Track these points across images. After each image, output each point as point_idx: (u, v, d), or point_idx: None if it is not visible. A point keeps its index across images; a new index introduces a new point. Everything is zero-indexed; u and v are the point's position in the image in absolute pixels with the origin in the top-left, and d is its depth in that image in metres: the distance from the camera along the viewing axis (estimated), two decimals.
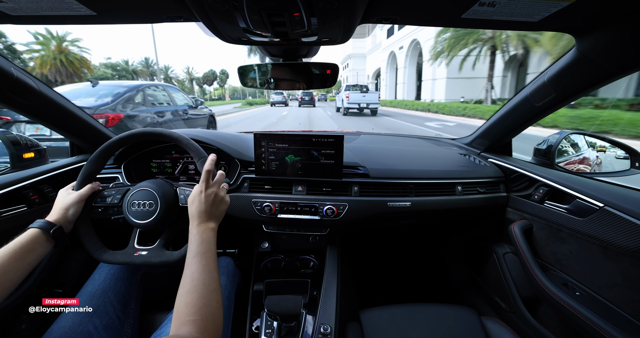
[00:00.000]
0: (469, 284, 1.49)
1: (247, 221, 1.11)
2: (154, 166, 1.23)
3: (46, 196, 1.00)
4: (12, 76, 0.82)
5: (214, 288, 0.59)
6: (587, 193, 0.87)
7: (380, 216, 1.11)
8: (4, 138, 1.01)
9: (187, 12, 0.62)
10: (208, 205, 0.71)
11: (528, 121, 1.09)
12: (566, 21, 0.67)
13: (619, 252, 0.79)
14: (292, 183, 1.11)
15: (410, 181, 1.13)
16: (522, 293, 1.13)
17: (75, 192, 0.79)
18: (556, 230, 0.99)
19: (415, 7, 0.62)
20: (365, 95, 13.77)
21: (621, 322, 0.77)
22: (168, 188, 0.85)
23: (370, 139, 1.60)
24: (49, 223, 0.70)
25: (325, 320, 0.88)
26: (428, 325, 0.93)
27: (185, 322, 0.51)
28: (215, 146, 1.13)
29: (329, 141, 1.04)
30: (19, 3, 0.57)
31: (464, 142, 1.51)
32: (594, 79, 0.80)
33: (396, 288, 1.65)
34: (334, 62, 0.83)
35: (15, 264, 0.60)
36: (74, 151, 1.25)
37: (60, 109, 1.02)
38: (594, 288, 0.88)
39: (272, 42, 0.74)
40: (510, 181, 1.21)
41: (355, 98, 13.73)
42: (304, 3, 0.51)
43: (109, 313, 0.81)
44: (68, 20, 0.66)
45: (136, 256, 0.78)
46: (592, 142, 1.21)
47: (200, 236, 0.66)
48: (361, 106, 13.95)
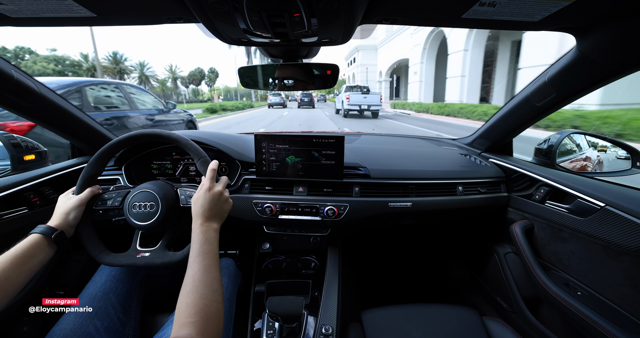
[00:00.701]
0: (470, 284, 1.49)
1: (248, 222, 1.11)
2: (155, 168, 1.23)
3: (47, 198, 1.00)
4: (12, 78, 0.82)
5: (216, 289, 0.59)
6: (588, 192, 0.87)
7: (381, 217, 1.11)
8: (5, 140, 1.01)
9: (187, 14, 0.62)
10: (213, 203, 0.72)
11: (529, 121, 1.09)
12: (566, 21, 0.67)
13: (621, 252, 0.79)
14: (293, 184, 1.11)
15: (411, 181, 1.13)
16: (523, 293, 1.12)
17: (75, 196, 0.78)
18: (557, 230, 0.99)
19: (416, 7, 0.62)
20: (367, 96, 13.15)
21: (623, 322, 0.77)
22: (169, 189, 0.85)
23: (371, 140, 1.60)
24: (50, 228, 0.70)
25: (326, 321, 0.88)
26: (429, 325, 0.93)
27: (185, 324, 0.51)
28: (216, 147, 1.13)
29: (329, 141, 1.04)
30: (19, 5, 0.57)
31: (464, 142, 1.51)
32: (594, 78, 0.80)
33: (397, 288, 1.65)
34: (334, 62, 0.83)
35: (17, 269, 0.60)
36: (75, 153, 1.25)
37: (61, 111, 1.02)
38: (595, 287, 0.88)
39: (272, 43, 0.74)
40: (511, 181, 1.21)
41: (356, 100, 13.14)
42: (304, 4, 0.51)
43: (110, 315, 0.81)
44: (68, 22, 0.66)
45: (139, 258, 0.78)
46: (593, 142, 1.21)
47: (204, 236, 0.66)
48: (362, 108, 13.34)
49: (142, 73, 47.88)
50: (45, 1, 0.55)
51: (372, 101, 13.16)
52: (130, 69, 45.00)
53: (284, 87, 0.90)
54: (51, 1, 0.55)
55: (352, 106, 13.31)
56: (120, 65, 42.60)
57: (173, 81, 59.46)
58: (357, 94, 13.35)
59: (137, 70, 47.28)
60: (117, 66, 42.18)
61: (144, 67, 48.05)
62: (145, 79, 48.09)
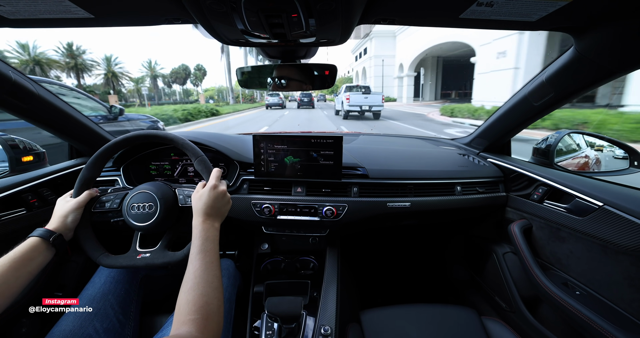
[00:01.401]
0: (469, 284, 1.49)
1: (247, 222, 1.11)
2: (153, 169, 1.23)
3: (45, 199, 1.00)
4: (10, 79, 0.82)
5: (216, 287, 0.59)
6: (586, 192, 0.88)
7: (379, 217, 1.11)
8: (3, 142, 1.01)
9: (184, 14, 0.62)
10: (217, 202, 0.72)
11: (527, 120, 1.09)
12: (564, 21, 0.67)
13: (619, 251, 0.79)
14: (292, 184, 1.11)
15: (409, 181, 1.13)
16: (522, 293, 1.13)
17: (73, 199, 0.78)
18: (556, 230, 0.99)
19: (414, 7, 0.62)
20: (368, 96, 12.20)
21: (621, 321, 0.77)
22: (166, 189, 0.85)
23: (369, 140, 1.60)
24: (48, 231, 0.69)
25: (325, 321, 0.88)
26: (428, 325, 0.93)
27: (185, 321, 0.51)
28: (214, 148, 1.13)
29: (328, 142, 1.04)
30: (16, 7, 0.57)
31: (462, 142, 1.51)
32: (592, 78, 0.80)
33: (396, 288, 1.65)
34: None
35: (15, 273, 0.59)
36: (73, 154, 1.25)
37: (59, 112, 1.02)
38: (594, 287, 0.88)
39: (270, 44, 0.74)
40: (510, 181, 1.21)
41: (357, 100, 12.28)
42: (301, 4, 0.52)
43: (110, 316, 0.81)
44: (66, 23, 0.66)
45: (139, 259, 0.78)
46: (591, 141, 1.21)
47: (206, 233, 0.66)
48: (363, 109, 12.44)
49: (110, 70, 38.53)
50: (42, 2, 0.55)
51: (374, 102, 12.31)
52: (90, 64, 35.92)
53: (282, 87, 0.90)
54: (49, 2, 0.55)
55: (352, 107, 12.56)
56: (77, 58, 34.31)
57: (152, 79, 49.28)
58: (358, 94, 12.52)
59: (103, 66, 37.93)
60: (71, 61, 33.69)
61: (110, 62, 38.52)
62: (113, 77, 39.10)
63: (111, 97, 28.52)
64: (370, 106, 12.31)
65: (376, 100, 12.27)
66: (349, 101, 12.34)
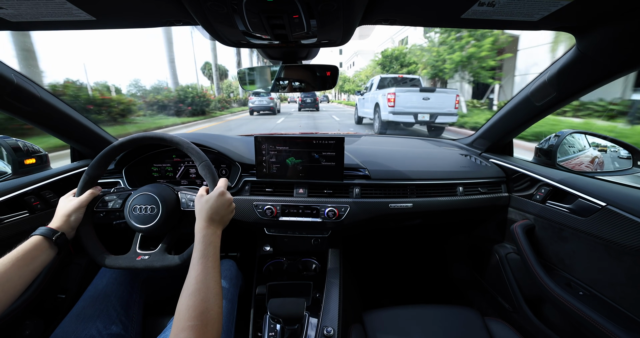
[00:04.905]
0: (471, 285, 1.49)
1: (249, 224, 1.11)
2: (155, 171, 1.23)
3: (48, 201, 1.00)
4: (12, 82, 0.82)
5: (217, 293, 0.59)
6: (589, 192, 0.87)
7: (381, 218, 1.11)
8: (5, 144, 1.01)
9: (186, 16, 0.62)
10: (223, 208, 0.72)
11: (529, 120, 1.09)
12: (566, 20, 0.67)
13: (622, 251, 0.79)
14: (293, 186, 1.11)
15: (411, 182, 1.13)
16: (525, 293, 1.12)
17: (76, 198, 0.79)
18: (558, 230, 0.98)
19: (415, 7, 0.62)
20: (430, 98, 6.63)
21: (625, 321, 0.76)
22: (169, 192, 0.85)
23: (371, 141, 1.60)
24: (51, 230, 0.70)
25: (328, 323, 0.88)
26: (431, 326, 0.93)
27: (185, 327, 0.51)
28: (216, 149, 1.13)
29: (329, 143, 1.04)
30: (19, 9, 0.57)
31: (464, 142, 1.51)
32: (594, 77, 0.80)
33: (399, 289, 1.65)
34: (334, 63, 0.83)
35: (18, 271, 0.60)
36: (75, 156, 1.25)
37: (61, 115, 1.02)
38: (597, 287, 0.87)
39: (271, 45, 0.74)
40: (512, 181, 1.21)
41: (409, 102, 6.65)
42: (303, 5, 0.51)
43: (112, 318, 0.81)
44: (68, 25, 0.66)
45: (138, 260, 0.78)
46: (594, 141, 1.20)
47: (209, 239, 0.66)
48: (420, 119, 6.69)
49: None
50: (44, 5, 0.55)
51: (442, 107, 6.67)
52: None
53: (284, 88, 0.90)
54: (51, 5, 0.55)
55: (401, 116, 6.74)
56: None
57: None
58: (413, 93, 6.78)
59: None
60: None
61: None
62: None
63: None
64: (434, 114, 6.67)
65: (446, 104, 6.72)
66: (394, 102, 6.71)
